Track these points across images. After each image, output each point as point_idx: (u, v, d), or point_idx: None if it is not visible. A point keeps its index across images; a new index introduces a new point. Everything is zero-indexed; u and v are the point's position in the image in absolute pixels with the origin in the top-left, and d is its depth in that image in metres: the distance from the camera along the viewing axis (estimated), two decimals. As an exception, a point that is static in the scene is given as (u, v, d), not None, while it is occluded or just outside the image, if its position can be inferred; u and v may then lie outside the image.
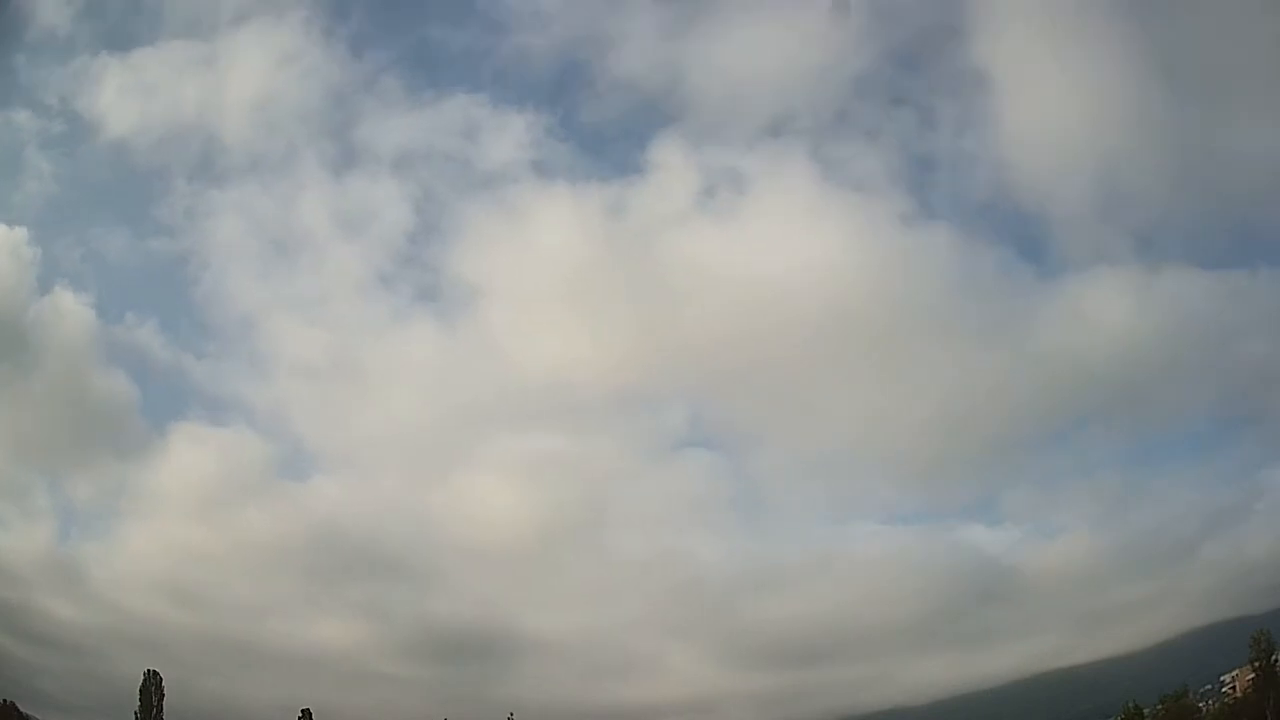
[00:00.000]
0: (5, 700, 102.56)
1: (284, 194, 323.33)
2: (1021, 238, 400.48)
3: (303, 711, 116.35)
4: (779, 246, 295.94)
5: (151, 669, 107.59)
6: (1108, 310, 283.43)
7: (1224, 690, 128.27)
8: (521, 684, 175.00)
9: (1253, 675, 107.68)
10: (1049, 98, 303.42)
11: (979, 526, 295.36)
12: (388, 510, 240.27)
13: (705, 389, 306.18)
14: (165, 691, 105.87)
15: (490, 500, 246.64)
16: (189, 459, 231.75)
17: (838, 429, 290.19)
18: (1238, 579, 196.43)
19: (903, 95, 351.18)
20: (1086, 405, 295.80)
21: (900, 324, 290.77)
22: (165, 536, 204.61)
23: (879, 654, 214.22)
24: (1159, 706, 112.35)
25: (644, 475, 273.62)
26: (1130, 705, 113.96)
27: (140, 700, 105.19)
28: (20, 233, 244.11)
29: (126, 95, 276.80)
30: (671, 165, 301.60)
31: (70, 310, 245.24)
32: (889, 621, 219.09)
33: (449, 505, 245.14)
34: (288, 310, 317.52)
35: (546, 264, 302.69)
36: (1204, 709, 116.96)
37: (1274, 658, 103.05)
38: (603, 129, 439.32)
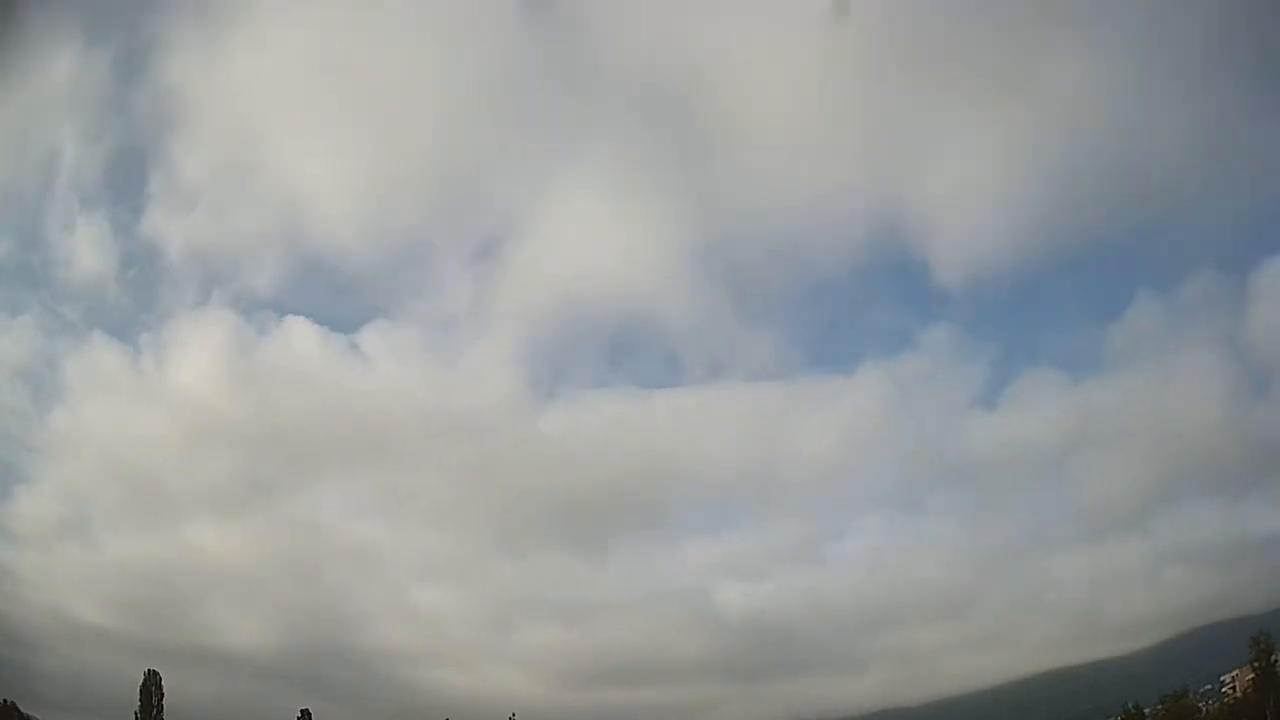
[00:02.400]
0: (5, 700, 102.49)
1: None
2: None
3: (302, 712, 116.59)
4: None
5: (151, 669, 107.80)
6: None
7: (1224, 690, 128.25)
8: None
9: (1253, 675, 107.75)
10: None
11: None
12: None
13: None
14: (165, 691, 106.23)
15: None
16: None
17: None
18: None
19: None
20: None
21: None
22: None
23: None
24: (1159, 706, 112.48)
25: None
26: (1130, 705, 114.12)
27: (140, 700, 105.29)
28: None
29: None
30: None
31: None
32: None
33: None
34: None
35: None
36: (1204, 709, 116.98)
37: (1274, 658, 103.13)
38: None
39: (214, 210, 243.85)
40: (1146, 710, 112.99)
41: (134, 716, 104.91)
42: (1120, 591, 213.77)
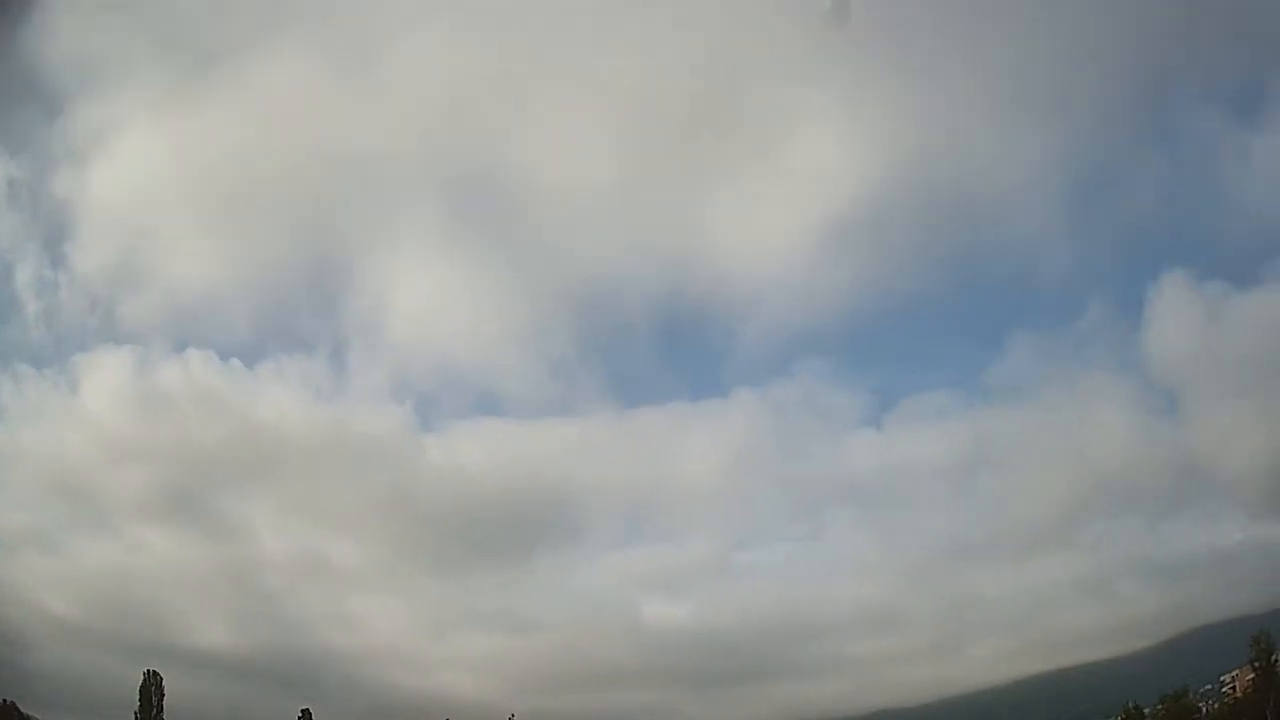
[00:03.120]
0: (5, 700, 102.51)
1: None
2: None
3: (302, 711, 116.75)
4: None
5: (151, 669, 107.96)
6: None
7: (1224, 690, 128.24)
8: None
9: (1253, 675, 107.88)
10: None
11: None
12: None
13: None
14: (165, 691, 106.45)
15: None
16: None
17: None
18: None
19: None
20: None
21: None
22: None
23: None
24: (1159, 706, 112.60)
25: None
26: (1130, 705, 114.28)
27: (140, 700, 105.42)
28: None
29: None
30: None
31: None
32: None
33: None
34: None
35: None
36: (1204, 709, 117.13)
37: (1274, 658, 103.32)
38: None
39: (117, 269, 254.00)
40: (1146, 710, 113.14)
41: (134, 717, 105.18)
42: (1053, 605, 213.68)
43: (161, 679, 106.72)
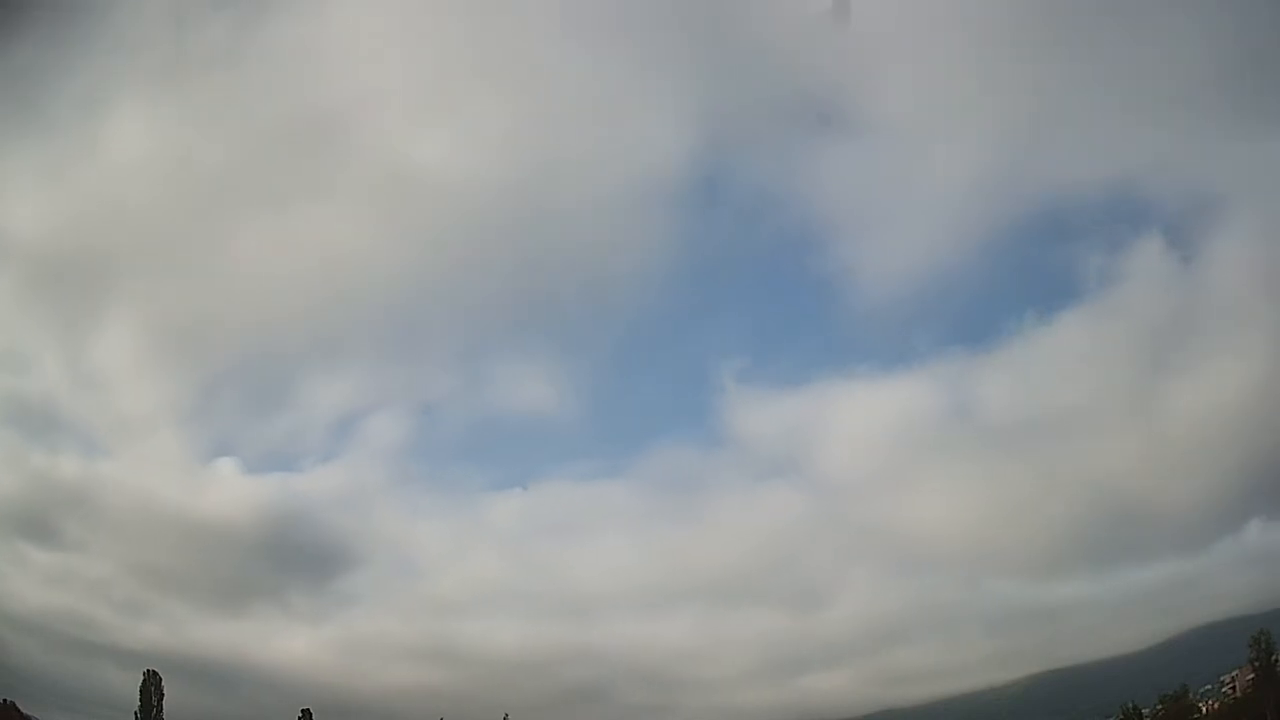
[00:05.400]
0: (5, 700, 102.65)
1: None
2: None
3: (303, 711, 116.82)
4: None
5: (151, 669, 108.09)
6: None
7: (1224, 690, 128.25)
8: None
9: (1253, 675, 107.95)
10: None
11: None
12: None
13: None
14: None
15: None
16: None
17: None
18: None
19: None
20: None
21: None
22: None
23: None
24: (1159, 706, 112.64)
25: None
26: (1130, 705, 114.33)
27: (140, 700, 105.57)
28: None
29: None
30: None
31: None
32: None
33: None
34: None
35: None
36: (1204, 709, 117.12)
37: (1274, 658, 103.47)
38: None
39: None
40: (1146, 710, 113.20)
41: (134, 717, 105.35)
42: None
43: (161, 679, 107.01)
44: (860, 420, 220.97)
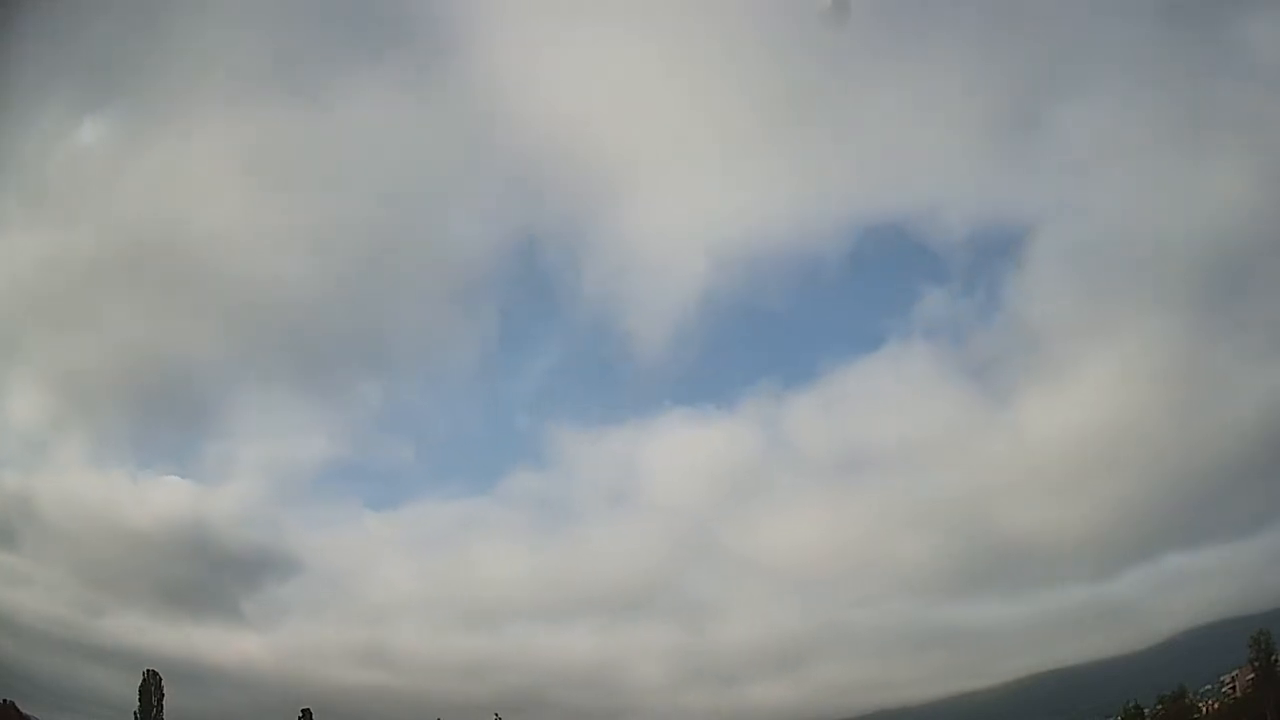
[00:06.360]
0: (5, 700, 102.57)
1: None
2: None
3: (303, 711, 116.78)
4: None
5: (151, 669, 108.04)
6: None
7: (1224, 690, 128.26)
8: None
9: (1253, 675, 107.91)
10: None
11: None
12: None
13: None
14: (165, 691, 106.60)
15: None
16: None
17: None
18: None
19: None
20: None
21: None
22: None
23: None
24: (1159, 706, 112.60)
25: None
26: (1130, 705, 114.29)
27: (140, 700, 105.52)
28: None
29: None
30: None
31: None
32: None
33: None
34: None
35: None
36: (1204, 709, 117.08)
37: (1274, 658, 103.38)
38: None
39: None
40: (1146, 710, 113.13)
41: (134, 717, 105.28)
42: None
43: (161, 679, 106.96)
44: (682, 454, 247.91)
